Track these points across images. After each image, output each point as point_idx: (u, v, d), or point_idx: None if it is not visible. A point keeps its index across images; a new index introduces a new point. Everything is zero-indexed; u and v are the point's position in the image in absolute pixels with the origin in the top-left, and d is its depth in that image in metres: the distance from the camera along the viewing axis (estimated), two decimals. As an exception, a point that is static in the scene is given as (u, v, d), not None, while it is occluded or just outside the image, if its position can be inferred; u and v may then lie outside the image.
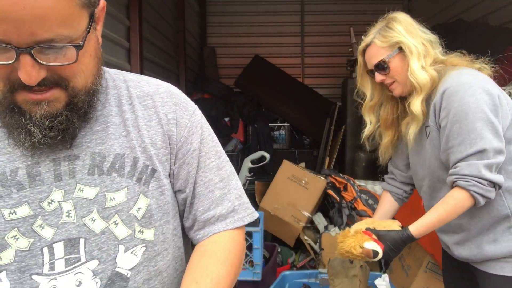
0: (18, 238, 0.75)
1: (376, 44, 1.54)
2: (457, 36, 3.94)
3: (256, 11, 6.44)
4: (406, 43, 1.49)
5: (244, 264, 2.57)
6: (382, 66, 1.53)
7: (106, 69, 0.91)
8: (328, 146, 4.95)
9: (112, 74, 0.92)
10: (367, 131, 1.71)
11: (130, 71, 3.42)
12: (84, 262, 0.78)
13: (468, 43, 3.78)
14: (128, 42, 3.39)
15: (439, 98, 1.42)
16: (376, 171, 4.53)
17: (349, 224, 3.34)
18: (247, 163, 3.67)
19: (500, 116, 1.36)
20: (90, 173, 0.80)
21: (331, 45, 6.31)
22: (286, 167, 3.65)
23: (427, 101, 1.49)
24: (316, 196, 3.52)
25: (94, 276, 0.78)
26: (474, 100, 1.34)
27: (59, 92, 0.73)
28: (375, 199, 3.49)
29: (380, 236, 1.48)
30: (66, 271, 0.77)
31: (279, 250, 3.30)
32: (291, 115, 5.61)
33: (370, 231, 1.50)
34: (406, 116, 1.60)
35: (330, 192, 3.50)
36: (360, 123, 5.56)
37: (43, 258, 0.76)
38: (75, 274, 0.77)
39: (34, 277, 0.76)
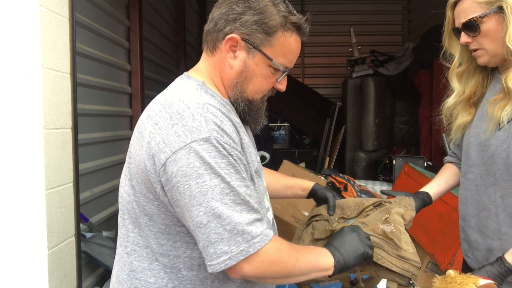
0: None
1: None
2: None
3: (256, 11, 6.43)
4: (510, 2, 1.21)
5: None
6: (471, 26, 1.26)
7: None
8: (328, 146, 4.95)
9: None
10: (450, 101, 1.45)
11: (130, 71, 3.44)
12: None
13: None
14: (128, 42, 3.39)
15: None
16: (376, 171, 4.53)
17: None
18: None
19: None
20: None
21: (331, 45, 6.31)
22: (286, 167, 3.64)
23: None
24: (316, 196, 3.51)
25: None
26: None
27: None
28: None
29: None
30: None
31: (279, 250, 3.29)
32: (291, 115, 5.61)
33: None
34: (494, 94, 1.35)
35: (330, 192, 3.50)
36: (360, 123, 5.57)
37: None
38: None
39: None
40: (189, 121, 0.95)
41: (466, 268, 1.45)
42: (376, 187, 3.81)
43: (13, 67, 1.67)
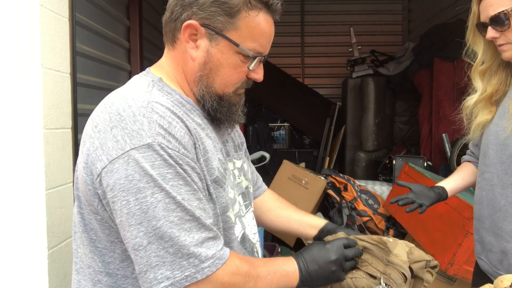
0: None
1: None
2: (457, 36, 3.93)
3: (256, 11, 6.42)
4: None
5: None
6: (499, 20, 1.20)
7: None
8: (328, 146, 4.95)
9: None
10: (471, 99, 1.39)
11: (130, 71, 3.44)
12: None
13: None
14: (128, 42, 3.39)
15: None
16: (376, 171, 4.53)
17: (349, 225, 3.34)
18: (247, 163, 3.67)
19: None
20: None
21: (331, 45, 6.31)
22: (286, 167, 3.65)
23: None
24: (316, 196, 3.52)
25: None
26: None
27: None
28: (375, 199, 3.49)
29: None
30: None
31: (279, 250, 3.29)
32: (291, 115, 5.61)
33: None
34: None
35: (330, 192, 3.50)
36: (360, 123, 5.57)
37: None
38: None
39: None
40: (129, 123, 0.82)
41: (478, 271, 1.43)
42: (376, 187, 3.81)
43: (13, 67, 1.67)
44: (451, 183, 1.55)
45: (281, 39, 6.41)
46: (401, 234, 3.27)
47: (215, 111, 0.96)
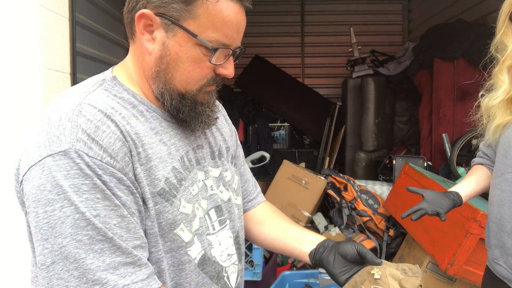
0: None
1: None
2: (457, 36, 3.95)
3: (256, 11, 6.40)
4: None
5: (244, 264, 2.56)
6: None
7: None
8: (328, 146, 4.95)
9: None
10: (495, 100, 1.28)
11: (130, 71, 3.44)
12: None
13: (468, 43, 3.80)
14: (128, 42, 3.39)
15: None
16: (376, 171, 4.53)
17: (349, 225, 3.34)
18: (247, 163, 3.68)
19: None
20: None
21: (331, 45, 6.31)
22: (286, 167, 3.65)
23: None
24: (316, 196, 3.52)
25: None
26: None
27: None
28: (375, 199, 3.49)
29: None
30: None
31: (279, 250, 3.29)
32: (291, 115, 5.62)
33: None
34: None
35: (330, 192, 3.50)
36: (360, 123, 5.57)
37: None
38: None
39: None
40: (53, 127, 0.74)
41: (490, 277, 1.37)
42: (376, 187, 3.81)
43: (13, 67, 1.67)
44: (465, 188, 1.46)
45: (281, 39, 6.42)
46: (401, 234, 3.28)
47: (177, 110, 0.85)
